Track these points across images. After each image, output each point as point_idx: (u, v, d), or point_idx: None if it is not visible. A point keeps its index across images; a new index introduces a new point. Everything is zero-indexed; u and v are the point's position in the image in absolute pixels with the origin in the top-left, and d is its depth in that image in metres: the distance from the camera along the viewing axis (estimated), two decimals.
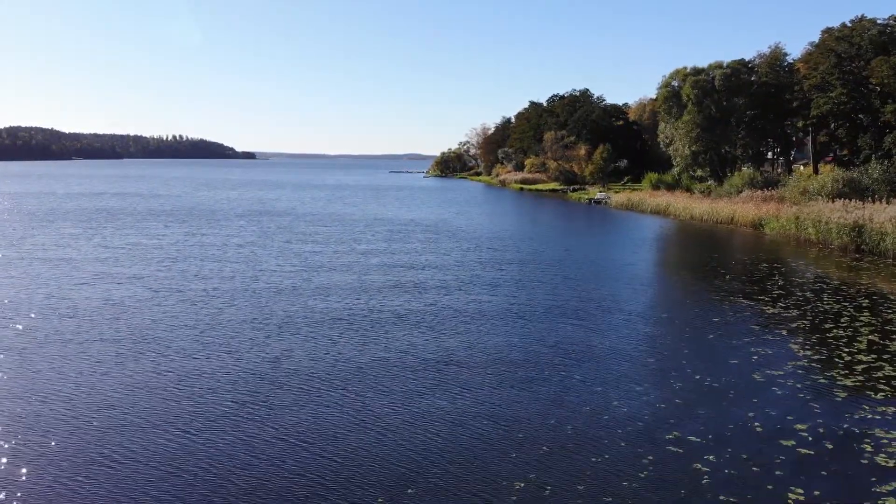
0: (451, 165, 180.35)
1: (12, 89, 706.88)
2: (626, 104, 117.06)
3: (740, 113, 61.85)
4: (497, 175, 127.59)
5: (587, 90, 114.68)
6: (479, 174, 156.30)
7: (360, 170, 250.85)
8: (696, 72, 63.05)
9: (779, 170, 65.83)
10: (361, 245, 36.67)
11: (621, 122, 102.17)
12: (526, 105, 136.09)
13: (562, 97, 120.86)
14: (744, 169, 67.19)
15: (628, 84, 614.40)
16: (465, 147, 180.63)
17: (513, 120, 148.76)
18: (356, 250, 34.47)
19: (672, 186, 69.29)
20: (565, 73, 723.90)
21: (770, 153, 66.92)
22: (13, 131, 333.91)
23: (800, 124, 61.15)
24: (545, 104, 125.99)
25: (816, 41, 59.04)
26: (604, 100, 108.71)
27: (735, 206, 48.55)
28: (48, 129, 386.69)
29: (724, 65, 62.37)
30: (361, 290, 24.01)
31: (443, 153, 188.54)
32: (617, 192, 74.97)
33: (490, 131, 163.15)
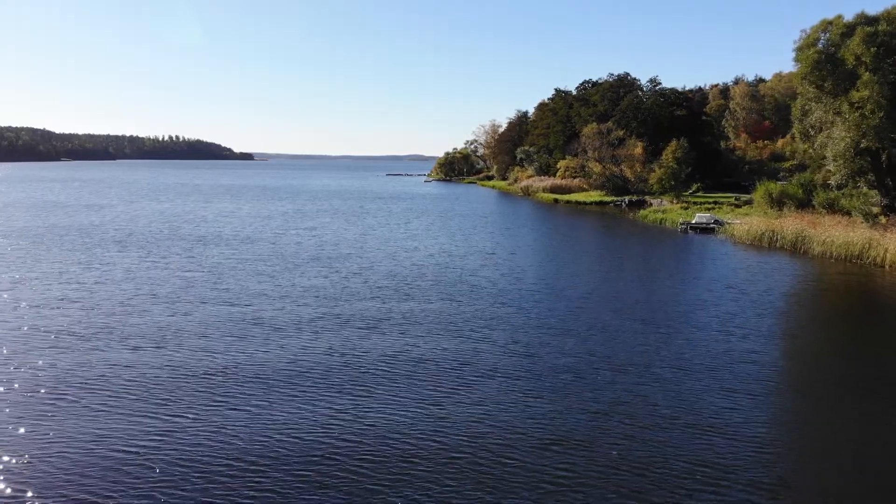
0: (456, 168, 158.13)
1: (11, 90, 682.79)
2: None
3: None
4: (516, 180, 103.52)
5: (628, 74, 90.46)
6: (490, 178, 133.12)
7: (355, 172, 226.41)
8: (869, 21, 38.83)
9: None
10: (267, 409, 12.49)
11: (685, 112, 77.57)
12: (550, 94, 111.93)
13: (596, 83, 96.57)
14: None
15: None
16: (472, 147, 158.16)
17: (531, 113, 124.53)
18: (248, 439, 10.33)
19: (803, 203, 45.39)
20: (572, 71, 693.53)
21: None
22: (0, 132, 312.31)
23: None
24: (575, 92, 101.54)
25: None
26: (659, 83, 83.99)
27: None
28: (39, 130, 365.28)
29: None
30: None
31: (447, 154, 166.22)
32: (716, 210, 50.85)
33: (502, 128, 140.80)
